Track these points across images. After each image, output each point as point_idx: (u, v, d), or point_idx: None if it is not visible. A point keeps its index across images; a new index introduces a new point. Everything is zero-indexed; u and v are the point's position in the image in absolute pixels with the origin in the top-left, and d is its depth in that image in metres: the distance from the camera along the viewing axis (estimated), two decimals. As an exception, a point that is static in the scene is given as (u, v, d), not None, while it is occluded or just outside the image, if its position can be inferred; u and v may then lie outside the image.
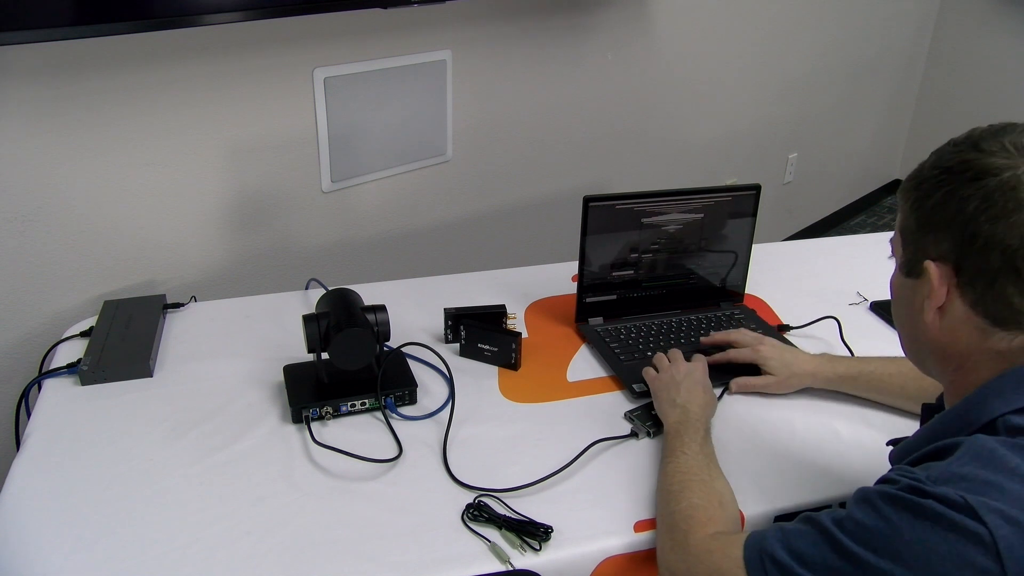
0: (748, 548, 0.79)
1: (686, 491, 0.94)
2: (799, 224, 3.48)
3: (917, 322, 0.80)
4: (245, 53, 1.57)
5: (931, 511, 0.67)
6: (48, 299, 1.47)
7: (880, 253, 1.77)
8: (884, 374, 1.19)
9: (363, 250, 1.94)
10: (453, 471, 1.05)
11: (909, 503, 0.69)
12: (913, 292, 0.80)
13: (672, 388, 1.14)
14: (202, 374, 1.25)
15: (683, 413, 1.09)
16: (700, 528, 0.88)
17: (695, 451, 1.02)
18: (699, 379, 1.16)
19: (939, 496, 0.67)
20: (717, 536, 0.87)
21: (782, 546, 0.76)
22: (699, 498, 0.93)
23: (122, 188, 1.49)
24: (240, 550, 0.92)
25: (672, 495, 0.95)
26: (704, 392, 1.14)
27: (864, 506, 0.72)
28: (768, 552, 0.76)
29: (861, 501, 0.73)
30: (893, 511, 0.69)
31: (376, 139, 1.85)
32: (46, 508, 0.97)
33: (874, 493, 0.72)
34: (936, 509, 0.67)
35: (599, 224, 1.36)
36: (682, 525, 0.90)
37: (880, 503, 0.71)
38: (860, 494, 0.74)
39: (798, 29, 2.92)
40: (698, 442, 1.03)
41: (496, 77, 2.03)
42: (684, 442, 1.03)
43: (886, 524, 0.69)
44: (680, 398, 1.11)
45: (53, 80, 1.35)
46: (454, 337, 1.33)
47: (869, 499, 0.72)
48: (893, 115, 3.79)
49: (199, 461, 1.06)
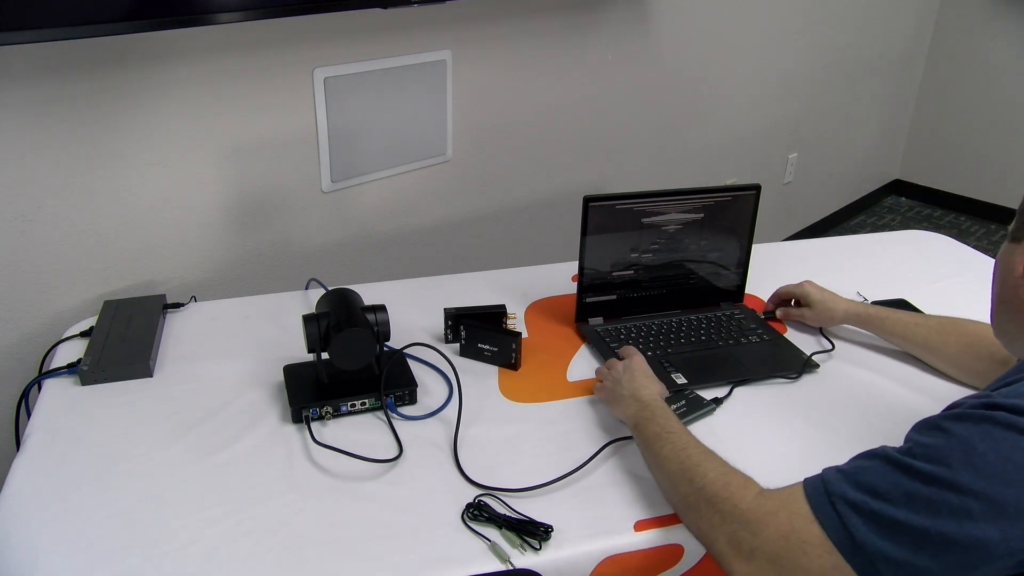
0: (812, 497, 0.77)
1: (703, 464, 0.91)
2: (799, 224, 3.48)
3: (1007, 279, 0.84)
4: (245, 53, 1.57)
5: (1001, 420, 0.68)
6: (48, 299, 1.47)
7: (880, 253, 1.77)
8: (911, 323, 1.30)
9: (363, 250, 1.94)
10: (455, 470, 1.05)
11: (978, 416, 0.70)
12: (1011, 255, 0.85)
13: (616, 388, 1.14)
14: (202, 374, 1.25)
15: (637, 402, 1.08)
16: (745, 491, 0.85)
17: (680, 428, 1.00)
18: (638, 367, 1.15)
19: (1008, 405, 0.69)
20: (767, 495, 0.84)
21: (851, 484, 0.75)
22: (721, 466, 0.91)
23: (122, 188, 1.49)
24: (240, 550, 0.92)
25: (689, 471, 0.92)
26: (648, 379, 1.13)
27: (930, 431, 0.73)
28: (837, 494, 0.75)
29: (925, 428, 0.74)
30: (962, 427, 0.70)
31: (376, 139, 1.85)
32: (46, 508, 0.97)
33: (939, 417, 0.73)
34: (1006, 418, 0.68)
35: (599, 224, 1.36)
36: (723, 494, 0.86)
37: (947, 423, 0.72)
38: (925, 423, 0.75)
39: (798, 29, 2.92)
40: (675, 420, 1.02)
41: (496, 77, 2.03)
42: (662, 424, 1.01)
43: (957, 440, 0.70)
44: (626, 390, 1.11)
45: (53, 80, 1.35)
46: (454, 337, 1.33)
47: (934, 424, 0.73)
48: (893, 115, 3.79)
49: (199, 461, 1.06)
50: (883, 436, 1.14)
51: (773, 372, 1.29)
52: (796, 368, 1.30)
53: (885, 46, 3.46)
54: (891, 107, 3.73)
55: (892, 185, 4.08)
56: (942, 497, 0.68)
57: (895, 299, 1.52)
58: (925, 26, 3.67)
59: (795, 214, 3.43)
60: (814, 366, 1.31)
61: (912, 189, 4.05)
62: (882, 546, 0.71)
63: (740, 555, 0.81)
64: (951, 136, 3.81)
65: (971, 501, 0.67)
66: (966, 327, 1.25)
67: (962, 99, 3.72)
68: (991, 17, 3.54)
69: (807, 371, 1.30)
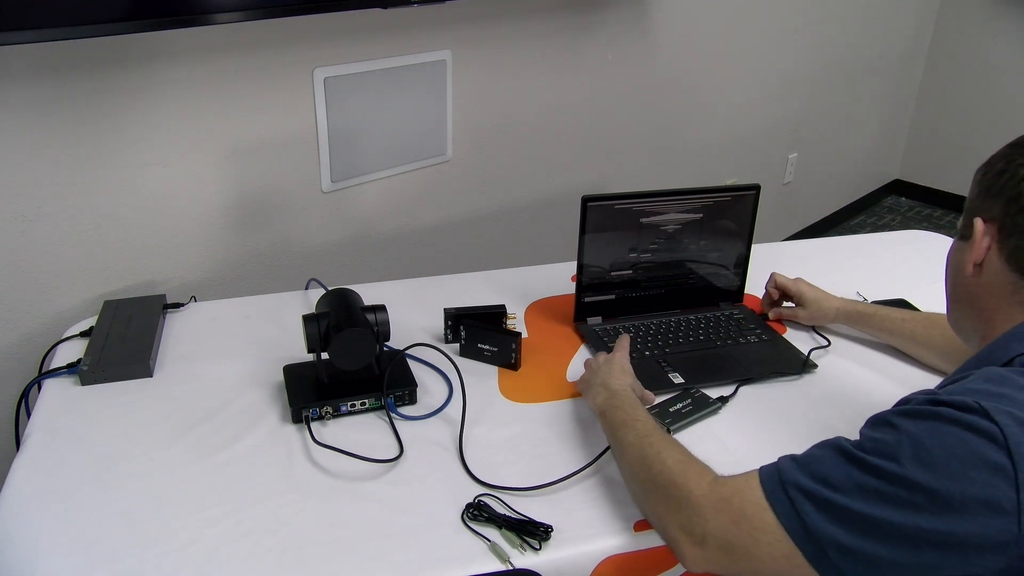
0: (767, 483, 0.79)
1: (662, 452, 0.92)
2: (799, 224, 3.48)
3: (959, 277, 0.88)
4: (245, 53, 1.57)
5: (947, 416, 0.71)
6: (48, 299, 1.47)
7: (880, 253, 1.77)
8: (898, 319, 1.32)
9: (363, 250, 1.94)
10: (458, 469, 1.05)
11: (925, 412, 0.73)
12: (961, 252, 0.89)
13: (591, 377, 1.16)
14: (202, 374, 1.25)
15: (606, 390, 1.09)
16: (700, 479, 0.86)
17: (646, 417, 1.01)
18: (617, 361, 1.16)
19: (954, 402, 0.72)
20: (721, 482, 0.84)
21: (804, 473, 0.77)
22: (679, 453, 0.92)
23: (122, 188, 1.50)
24: (240, 550, 0.92)
25: (648, 459, 0.93)
26: (622, 372, 1.14)
27: (880, 426, 0.75)
28: (791, 482, 0.77)
29: (876, 423, 0.76)
30: (911, 422, 0.73)
31: (376, 139, 1.85)
32: (46, 508, 0.97)
33: (888, 413, 0.76)
34: (952, 414, 0.71)
35: (598, 224, 1.36)
36: (679, 480, 0.87)
37: (896, 419, 0.74)
38: (875, 419, 0.77)
39: (798, 29, 2.92)
40: (642, 410, 1.03)
41: (496, 77, 2.03)
42: (628, 412, 1.02)
43: (906, 436, 0.72)
44: (598, 379, 1.13)
45: (53, 80, 1.35)
46: (454, 337, 1.33)
47: (884, 419, 0.76)
48: (893, 115, 3.79)
49: (199, 461, 1.06)
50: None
51: (773, 372, 1.29)
52: (796, 368, 1.30)
53: (885, 46, 3.46)
54: (891, 107, 3.74)
55: (892, 185, 4.08)
56: (892, 490, 0.71)
57: (895, 299, 1.52)
58: (925, 26, 3.67)
59: (795, 214, 3.43)
60: (813, 366, 1.31)
61: (912, 189, 4.05)
62: (833, 532, 0.73)
63: (692, 540, 0.83)
64: (951, 136, 3.81)
65: (918, 495, 0.69)
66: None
67: (962, 99, 3.72)
68: (991, 17, 3.54)
69: (807, 371, 1.30)
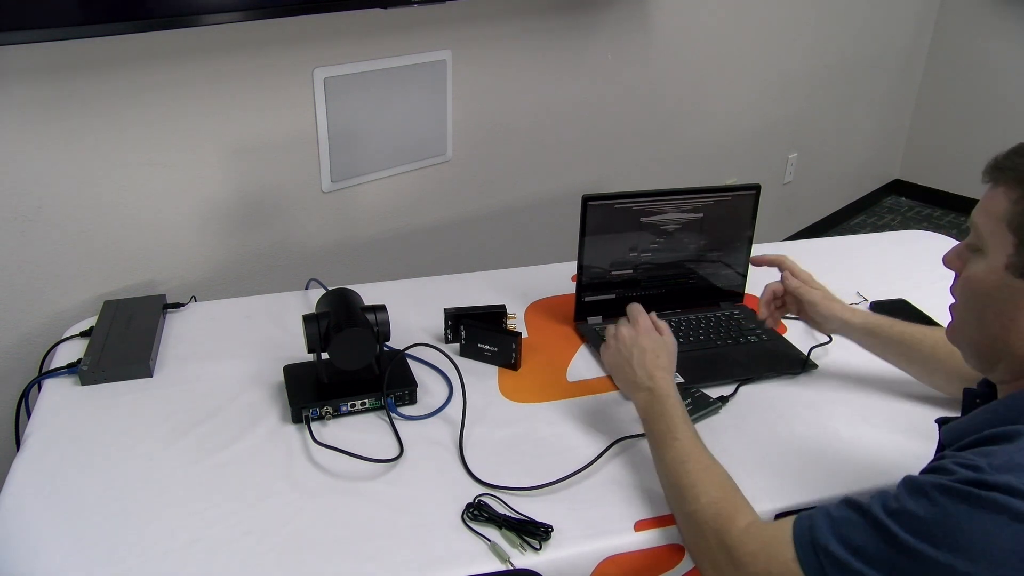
0: (799, 543, 0.76)
1: (697, 486, 0.91)
2: (799, 224, 3.48)
3: (1010, 326, 0.76)
4: (245, 53, 1.57)
5: (992, 502, 0.65)
6: (48, 299, 1.47)
7: (880, 253, 1.77)
8: (911, 335, 1.17)
9: (363, 250, 1.94)
10: (458, 469, 1.05)
11: (968, 495, 0.67)
12: (1019, 295, 0.75)
13: (625, 367, 1.08)
14: (202, 374, 1.25)
15: (649, 392, 1.04)
16: (731, 524, 0.85)
17: (685, 433, 0.98)
18: (649, 347, 1.08)
19: (1002, 486, 0.65)
20: (753, 532, 0.83)
21: (836, 538, 0.73)
22: (716, 489, 0.90)
23: (122, 188, 1.49)
24: (240, 550, 0.92)
25: (683, 489, 0.92)
26: (659, 367, 1.06)
27: (919, 498, 0.69)
28: (821, 545, 0.74)
29: (915, 492, 0.70)
30: (951, 502, 0.67)
31: (376, 139, 1.85)
32: (46, 508, 0.97)
33: (929, 485, 0.69)
34: (999, 500, 0.65)
35: (598, 223, 1.36)
36: (712, 524, 0.86)
37: (937, 495, 0.68)
38: (913, 484, 0.71)
39: (798, 29, 2.91)
40: (682, 420, 0.99)
41: (496, 77, 2.03)
42: (668, 425, 0.99)
43: (944, 516, 0.67)
44: (638, 374, 1.06)
45: (53, 80, 1.35)
46: (454, 337, 1.33)
47: (924, 490, 0.69)
48: (893, 115, 3.79)
49: (199, 461, 1.06)
50: (882, 436, 1.15)
51: (773, 372, 1.29)
52: (796, 367, 1.30)
53: (885, 46, 3.45)
54: (891, 107, 3.73)
55: (892, 185, 4.07)
56: (924, 573, 0.67)
57: (895, 299, 1.52)
58: (925, 26, 3.67)
59: (795, 214, 3.43)
60: (813, 366, 1.31)
61: (912, 189, 4.05)
62: None
63: None
64: (951, 136, 3.81)
65: None
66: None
67: (962, 99, 3.72)
68: (991, 17, 3.54)
69: (807, 370, 1.30)
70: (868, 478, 1.05)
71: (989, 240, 0.77)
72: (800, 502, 1.02)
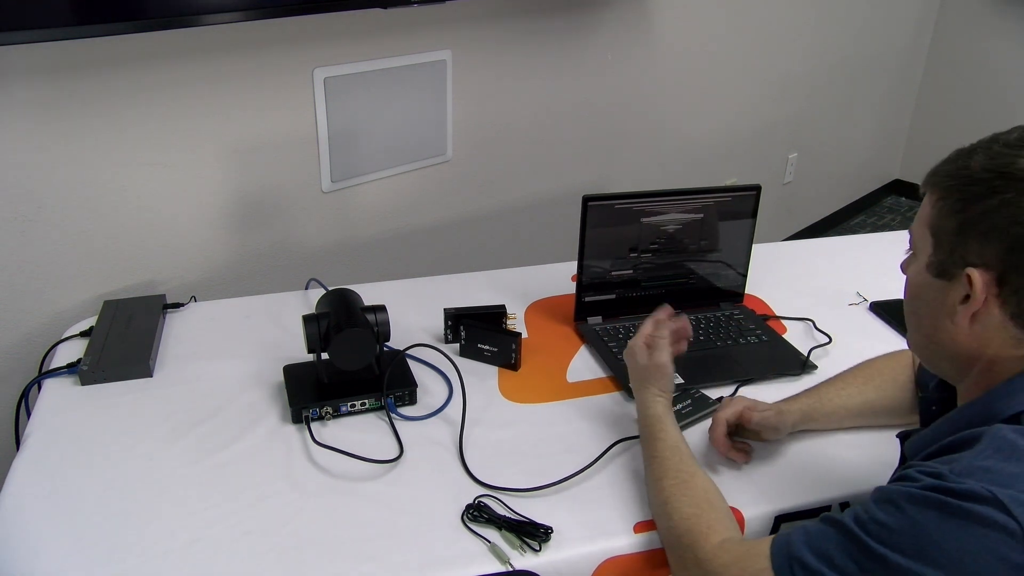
0: (776, 556, 0.77)
1: (671, 502, 0.93)
2: (799, 224, 3.48)
3: (941, 324, 0.78)
4: (245, 53, 1.57)
5: (957, 508, 0.66)
6: (48, 299, 1.47)
7: (880, 253, 1.77)
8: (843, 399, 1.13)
9: (363, 250, 1.94)
10: (458, 469, 1.05)
11: (933, 501, 0.68)
12: (941, 294, 0.78)
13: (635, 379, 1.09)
14: (202, 374, 1.25)
15: (645, 409, 1.06)
16: (705, 540, 0.86)
17: (663, 450, 0.99)
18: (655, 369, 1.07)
19: (965, 492, 0.66)
20: (726, 547, 0.85)
21: (809, 549, 0.74)
22: (690, 505, 0.91)
23: (122, 188, 1.49)
24: (240, 550, 0.92)
25: (661, 505, 0.94)
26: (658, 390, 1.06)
27: (886, 506, 0.71)
28: (796, 556, 0.75)
29: (883, 501, 0.71)
30: (917, 510, 0.68)
31: (376, 139, 1.85)
32: (46, 508, 0.97)
33: (895, 493, 0.71)
34: (963, 506, 0.66)
35: (598, 223, 1.36)
36: (685, 540, 0.88)
37: (903, 503, 0.69)
38: (880, 494, 0.72)
39: (798, 29, 2.91)
40: (670, 436, 1.01)
41: (496, 77, 2.03)
42: (651, 447, 1.01)
43: (911, 524, 0.68)
44: (643, 391, 1.07)
45: (53, 80, 1.35)
46: (454, 337, 1.33)
47: (891, 499, 0.71)
48: (893, 115, 3.79)
49: (199, 461, 1.06)
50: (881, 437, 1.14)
51: (773, 372, 1.29)
52: (796, 368, 1.30)
53: (885, 46, 3.45)
54: (891, 107, 3.73)
55: (892, 185, 4.07)
56: None
57: (895, 299, 1.52)
58: (925, 26, 3.67)
59: (795, 214, 3.43)
60: (813, 367, 1.31)
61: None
62: None
63: None
64: (951, 136, 3.77)
65: None
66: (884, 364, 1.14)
67: (962, 99, 3.72)
68: (991, 17, 3.54)
69: (807, 371, 1.30)
70: (867, 480, 1.05)
71: (918, 244, 0.82)
72: (800, 503, 1.02)
